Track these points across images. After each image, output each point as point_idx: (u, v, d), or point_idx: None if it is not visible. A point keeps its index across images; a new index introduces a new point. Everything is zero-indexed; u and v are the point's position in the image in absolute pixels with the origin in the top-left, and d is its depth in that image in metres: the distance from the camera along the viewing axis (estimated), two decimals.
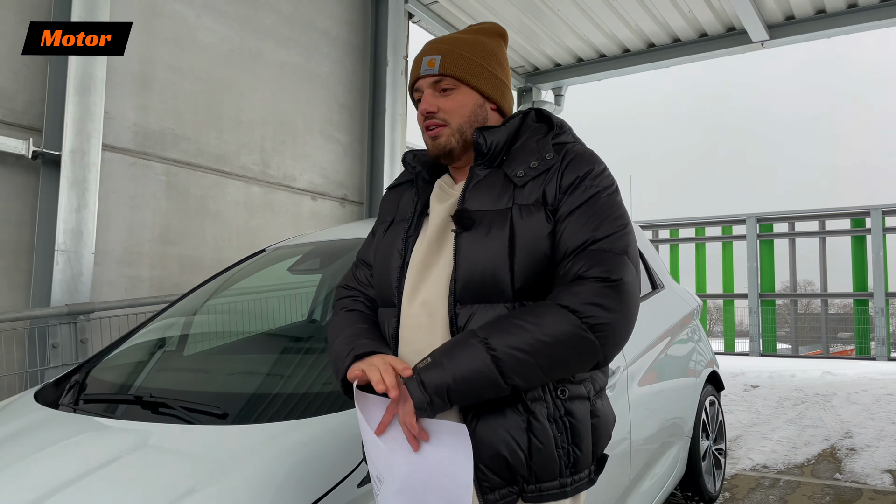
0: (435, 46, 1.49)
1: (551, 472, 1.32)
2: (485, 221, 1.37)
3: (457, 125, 1.46)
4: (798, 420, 5.68)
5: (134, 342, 2.85)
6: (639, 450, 3.04)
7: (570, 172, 1.39)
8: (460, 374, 1.23)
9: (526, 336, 1.23)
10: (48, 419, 2.18)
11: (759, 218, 16.66)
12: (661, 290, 3.88)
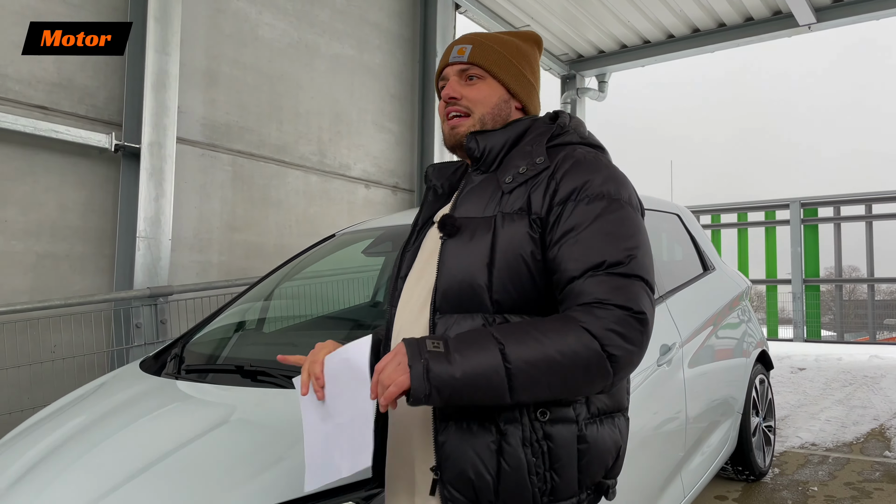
0: (468, 37, 1.47)
1: (522, 499, 1.23)
2: (469, 229, 1.31)
3: (479, 116, 1.41)
4: (846, 401, 5.73)
5: (221, 321, 3.08)
6: (693, 425, 3.17)
7: (568, 181, 1.29)
8: (470, 375, 1.14)
9: (543, 351, 1.15)
10: (161, 385, 2.42)
11: (803, 202, 16.43)
12: (712, 271, 3.99)
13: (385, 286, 3.35)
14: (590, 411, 1.28)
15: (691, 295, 3.55)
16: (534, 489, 1.22)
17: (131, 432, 2.07)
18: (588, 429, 1.27)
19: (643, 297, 1.21)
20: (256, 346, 2.94)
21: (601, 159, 1.35)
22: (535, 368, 1.14)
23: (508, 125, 1.42)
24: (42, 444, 2.08)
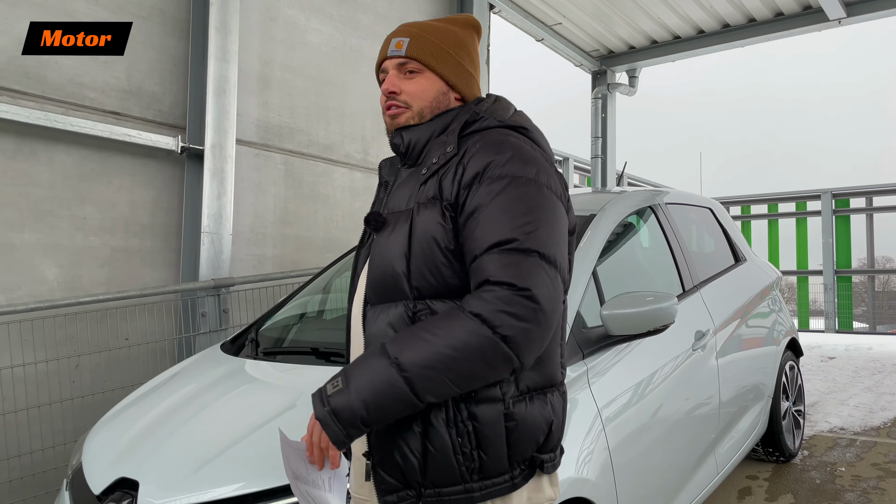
0: (405, 29, 1.47)
1: (450, 478, 1.26)
2: (392, 222, 1.36)
3: (417, 109, 1.43)
4: (875, 388, 5.87)
5: (288, 310, 3.37)
6: (725, 408, 3.38)
7: (473, 165, 1.31)
8: (371, 397, 1.18)
9: (434, 350, 1.17)
10: (244, 365, 2.71)
11: (834, 193, 16.33)
12: (743, 262, 4.19)
13: None
14: (518, 389, 1.29)
15: (723, 285, 3.75)
16: (461, 468, 1.25)
17: (228, 404, 2.36)
18: (516, 406, 1.28)
19: (535, 271, 1.20)
20: (322, 330, 3.22)
21: (509, 140, 1.35)
22: (431, 370, 1.16)
23: (434, 118, 1.44)
24: (153, 412, 2.38)
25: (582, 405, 2.39)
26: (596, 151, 8.86)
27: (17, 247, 3.78)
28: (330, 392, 1.21)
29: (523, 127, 1.43)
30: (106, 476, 2.10)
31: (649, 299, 2.58)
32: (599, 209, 3.12)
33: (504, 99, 1.51)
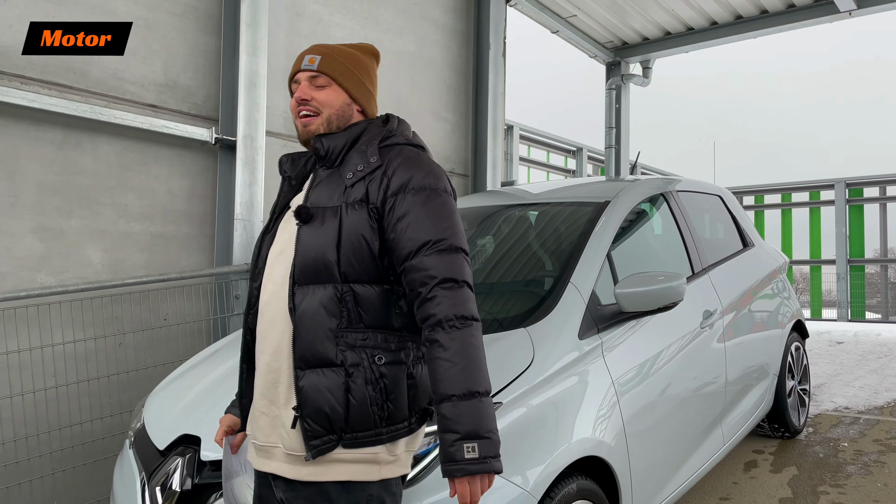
0: (317, 49, 1.74)
1: (366, 424, 1.54)
2: (320, 216, 1.60)
3: (326, 116, 1.69)
4: (881, 371, 6.05)
5: None
6: (731, 384, 3.59)
7: (397, 177, 1.60)
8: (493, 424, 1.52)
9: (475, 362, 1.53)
10: None
11: (848, 182, 16.36)
12: (751, 247, 4.38)
13: None
14: (416, 355, 1.63)
15: (731, 268, 3.95)
16: (375, 416, 1.55)
17: None
18: (415, 368, 1.61)
19: (464, 264, 1.58)
20: None
21: (423, 157, 1.68)
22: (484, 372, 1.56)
23: (348, 128, 1.71)
24: (206, 380, 2.62)
25: (597, 375, 2.60)
26: (610, 142, 9.02)
27: (65, 232, 4.04)
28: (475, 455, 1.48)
29: (423, 146, 1.77)
30: (169, 434, 2.34)
31: (660, 279, 2.79)
32: (613, 196, 3.32)
33: (405, 121, 1.83)
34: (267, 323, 1.65)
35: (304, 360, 1.56)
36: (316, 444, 1.53)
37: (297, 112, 1.73)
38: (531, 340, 2.50)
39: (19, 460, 3.70)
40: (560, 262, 2.94)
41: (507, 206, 3.83)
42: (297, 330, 1.57)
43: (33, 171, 3.93)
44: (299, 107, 1.72)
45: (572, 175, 14.19)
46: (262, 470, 1.67)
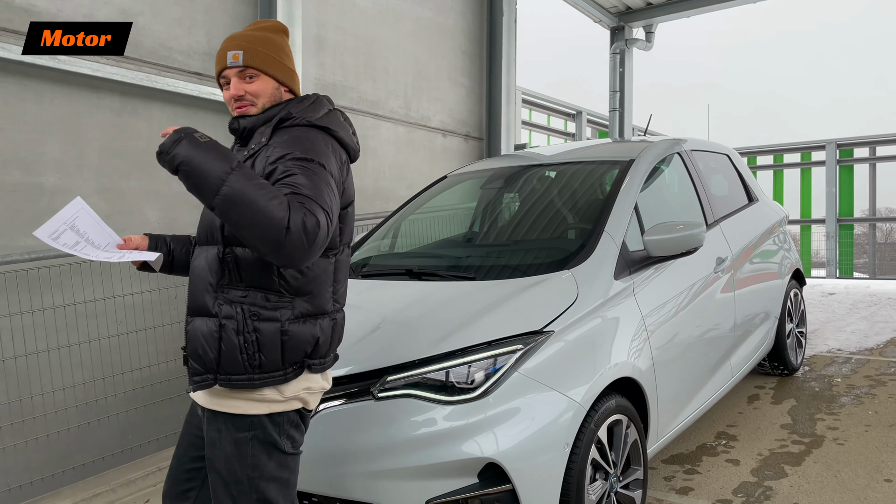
0: (237, 43, 1.85)
1: (237, 369, 1.74)
2: None
3: (261, 104, 1.85)
4: (870, 318, 6.50)
5: (371, 242, 3.96)
6: (739, 324, 3.99)
7: (275, 153, 1.73)
8: (200, 165, 1.56)
9: (257, 197, 1.54)
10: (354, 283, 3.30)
11: (839, 143, 16.74)
12: (755, 202, 4.76)
13: (477, 222, 4.17)
14: (293, 314, 1.77)
15: (739, 221, 4.34)
16: (244, 363, 1.74)
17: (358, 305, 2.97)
18: (290, 325, 1.76)
19: (321, 213, 1.61)
20: (405, 258, 3.82)
21: (308, 136, 1.78)
22: (239, 200, 1.54)
23: (267, 110, 1.86)
24: None
25: (629, 310, 2.99)
26: (614, 105, 9.33)
27: (125, 193, 4.36)
28: (196, 136, 1.64)
29: (328, 127, 1.86)
30: None
31: (681, 227, 3.17)
32: (637, 155, 3.68)
33: (322, 99, 1.94)
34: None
35: (191, 308, 1.84)
36: (197, 379, 1.79)
37: (235, 107, 1.88)
38: (575, 280, 2.88)
39: (88, 401, 4.07)
40: (594, 214, 3.31)
41: (533, 166, 4.16)
42: (190, 283, 1.87)
43: (96, 135, 4.24)
44: (236, 102, 1.87)
45: (572, 138, 14.49)
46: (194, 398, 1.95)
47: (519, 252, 3.39)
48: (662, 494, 3.29)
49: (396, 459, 2.37)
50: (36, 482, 3.78)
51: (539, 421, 2.46)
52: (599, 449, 2.65)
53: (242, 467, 1.80)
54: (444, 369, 2.47)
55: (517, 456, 2.38)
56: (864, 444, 3.71)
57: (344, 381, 2.51)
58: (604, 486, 2.67)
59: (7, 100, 3.84)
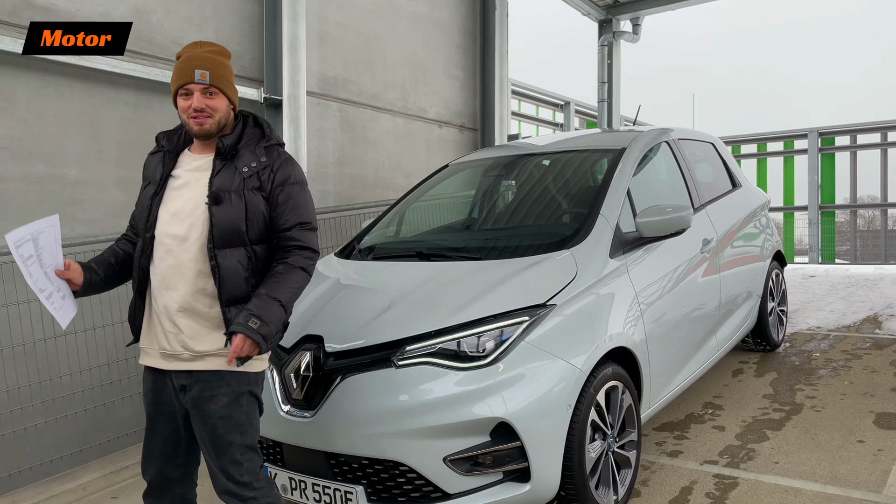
0: (202, 63, 2.23)
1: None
2: (227, 198, 2.21)
3: (217, 118, 2.24)
4: (848, 298, 6.83)
5: (379, 228, 4.20)
6: (724, 301, 4.27)
7: (281, 174, 2.30)
8: (276, 323, 2.19)
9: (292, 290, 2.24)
10: (365, 265, 3.55)
11: (821, 132, 17.11)
12: (739, 188, 5.04)
13: (477, 207, 4.40)
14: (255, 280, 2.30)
15: (723, 205, 4.61)
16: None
17: (371, 283, 3.23)
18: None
19: (316, 239, 2.35)
20: (410, 242, 4.06)
21: (291, 158, 2.38)
22: (291, 298, 2.26)
23: (234, 129, 2.31)
24: (313, 294, 3.22)
25: (624, 286, 3.26)
26: (602, 96, 9.59)
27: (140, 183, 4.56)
28: (255, 327, 2.14)
29: (282, 143, 2.44)
30: (292, 336, 2.95)
31: (670, 210, 3.43)
32: (628, 144, 3.93)
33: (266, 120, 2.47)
34: (169, 268, 2.24)
35: (230, 301, 2.22)
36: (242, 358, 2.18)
37: (193, 117, 2.24)
38: (574, 259, 3.13)
39: (112, 381, 4.27)
40: (589, 199, 3.57)
41: (531, 155, 4.41)
42: (222, 280, 2.21)
43: (114, 129, 4.44)
44: (196, 113, 2.24)
45: (560, 128, 14.74)
46: (170, 369, 2.28)
47: (521, 234, 3.64)
48: (654, 457, 3.57)
49: (416, 421, 2.62)
50: (65, 457, 4.00)
51: (544, 385, 2.72)
52: (598, 412, 2.91)
53: (238, 416, 2.26)
54: (457, 339, 2.73)
55: (525, 416, 2.64)
56: (839, 410, 4.00)
57: (368, 351, 2.76)
58: (602, 445, 2.94)
59: (30, 95, 4.04)
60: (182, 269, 2.24)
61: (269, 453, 2.98)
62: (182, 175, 2.32)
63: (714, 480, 3.26)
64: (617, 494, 3.00)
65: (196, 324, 2.25)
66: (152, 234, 2.28)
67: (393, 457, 2.64)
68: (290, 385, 2.86)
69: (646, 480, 3.31)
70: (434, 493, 2.65)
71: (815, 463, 3.36)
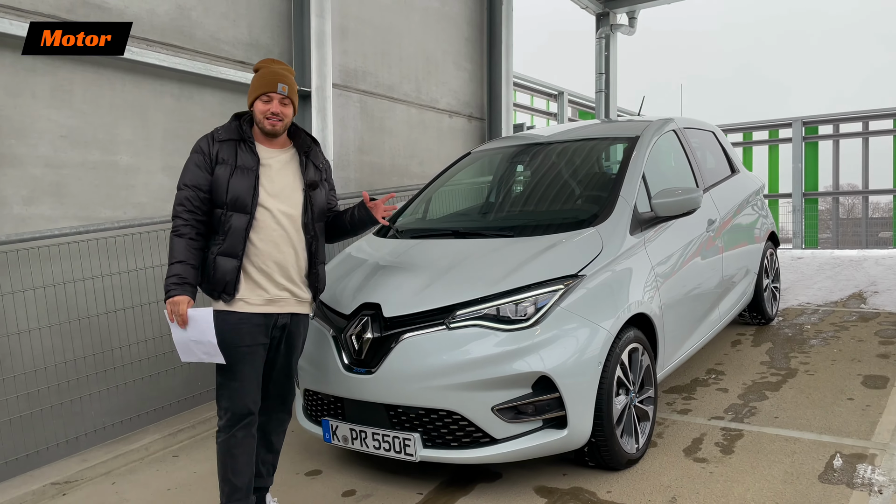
0: (283, 78, 2.79)
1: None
2: (317, 186, 2.90)
3: (285, 122, 2.84)
4: (835, 277, 7.29)
5: (410, 210, 4.55)
6: (726, 279, 4.66)
7: (330, 168, 3.12)
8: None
9: None
10: (406, 243, 3.90)
11: (804, 121, 17.60)
12: (737, 173, 5.44)
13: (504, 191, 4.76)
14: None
15: (724, 189, 5.01)
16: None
17: (417, 258, 3.58)
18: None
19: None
20: (444, 221, 4.42)
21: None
22: None
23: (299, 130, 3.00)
24: (363, 268, 3.58)
25: (642, 261, 3.63)
26: (600, 86, 9.96)
27: None
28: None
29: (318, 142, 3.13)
30: (351, 304, 3.31)
31: (680, 192, 3.81)
32: (641, 132, 4.31)
33: None
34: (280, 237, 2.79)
35: (318, 259, 2.93)
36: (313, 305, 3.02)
37: (270, 119, 2.79)
38: (600, 235, 3.51)
39: (159, 354, 4.59)
40: (609, 182, 3.95)
41: (547, 143, 4.77)
42: (316, 245, 2.90)
43: (160, 119, 4.75)
44: (272, 116, 2.79)
45: (554, 118, 15.11)
46: (277, 312, 2.82)
47: (549, 214, 4.01)
48: (666, 415, 3.96)
49: (468, 375, 2.99)
50: (124, 422, 4.33)
51: (579, 345, 3.10)
52: (622, 370, 3.29)
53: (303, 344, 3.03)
54: (502, 304, 3.10)
55: (563, 371, 3.01)
56: (830, 373, 4.43)
57: (422, 316, 3.12)
58: (626, 399, 3.33)
59: (87, 87, 4.34)
60: (291, 238, 2.83)
61: (330, 409, 3.34)
62: (273, 164, 2.83)
63: (722, 433, 3.66)
64: (638, 443, 3.39)
65: (299, 277, 2.87)
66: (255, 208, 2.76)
67: (447, 407, 3.01)
68: (351, 347, 3.21)
69: (661, 433, 3.71)
70: (483, 438, 3.03)
71: (810, 417, 3.78)
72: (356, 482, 3.41)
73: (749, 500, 2.94)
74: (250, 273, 2.77)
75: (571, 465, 3.36)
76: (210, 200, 2.75)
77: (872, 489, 2.97)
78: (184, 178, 2.78)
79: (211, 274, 2.75)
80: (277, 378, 2.94)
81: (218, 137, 2.82)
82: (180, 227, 2.74)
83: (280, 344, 2.88)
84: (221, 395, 2.80)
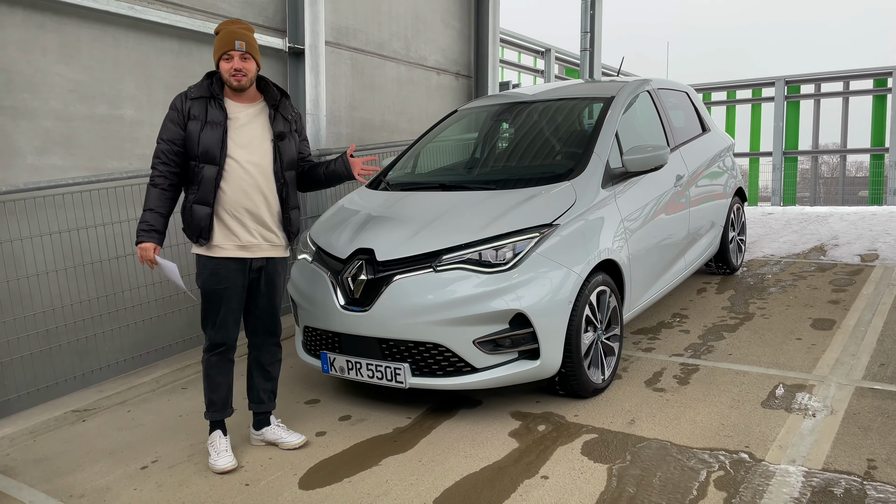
0: (240, 36, 3.03)
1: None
2: (285, 136, 3.17)
3: (251, 77, 3.08)
4: (800, 231, 7.71)
5: (400, 165, 4.86)
6: (692, 231, 5.03)
7: (301, 120, 3.35)
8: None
9: None
10: (397, 194, 4.22)
11: (787, 80, 17.89)
12: (707, 132, 5.77)
13: (487, 147, 5.07)
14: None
15: (694, 147, 5.34)
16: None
17: (407, 207, 3.90)
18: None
19: None
20: (431, 175, 4.73)
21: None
22: None
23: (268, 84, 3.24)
24: (358, 217, 3.91)
25: (612, 212, 3.98)
26: (585, 45, 10.18)
27: None
28: None
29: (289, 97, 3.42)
30: (346, 250, 3.64)
31: (650, 149, 4.15)
32: (616, 93, 4.61)
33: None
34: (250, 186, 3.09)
35: (290, 205, 3.22)
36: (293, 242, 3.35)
37: (235, 75, 3.05)
38: (573, 188, 3.85)
39: (165, 297, 4.92)
40: (584, 139, 4.27)
41: (531, 102, 5.07)
42: (287, 192, 3.19)
43: (161, 74, 4.99)
44: (236, 72, 3.04)
45: (541, 75, 15.28)
46: (252, 256, 3.17)
47: (528, 168, 4.34)
48: (632, 353, 4.37)
49: (451, 312, 3.35)
50: (135, 358, 4.69)
51: (552, 286, 3.46)
52: (591, 309, 3.67)
53: (283, 283, 3.37)
54: (484, 250, 3.44)
55: (537, 309, 3.38)
56: (784, 317, 4.84)
57: (412, 259, 3.46)
58: (593, 335, 3.71)
59: (93, 43, 4.57)
60: (260, 186, 3.12)
61: (329, 343, 3.71)
62: (241, 118, 3.13)
63: (680, 367, 4.08)
64: (604, 374, 3.79)
65: (272, 222, 3.19)
66: (225, 161, 3.07)
67: (433, 340, 3.38)
68: (347, 288, 3.56)
69: (625, 368, 4.12)
70: (465, 367, 3.41)
71: (760, 354, 4.20)
72: (351, 408, 3.80)
73: (698, 422, 3.36)
74: (224, 219, 3.11)
75: (544, 394, 3.76)
76: (184, 154, 3.09)
77: (807, 413, 3.39)
78: (161, 133, 3.12)
79: (189, 220, 3.12)
80: (263, 316, 3.32)
81: (190, 95, 3.11)
82: (155, 177, 3.10)
83: (260, 284, 3.25)
84: (204, 324, 3.25)
